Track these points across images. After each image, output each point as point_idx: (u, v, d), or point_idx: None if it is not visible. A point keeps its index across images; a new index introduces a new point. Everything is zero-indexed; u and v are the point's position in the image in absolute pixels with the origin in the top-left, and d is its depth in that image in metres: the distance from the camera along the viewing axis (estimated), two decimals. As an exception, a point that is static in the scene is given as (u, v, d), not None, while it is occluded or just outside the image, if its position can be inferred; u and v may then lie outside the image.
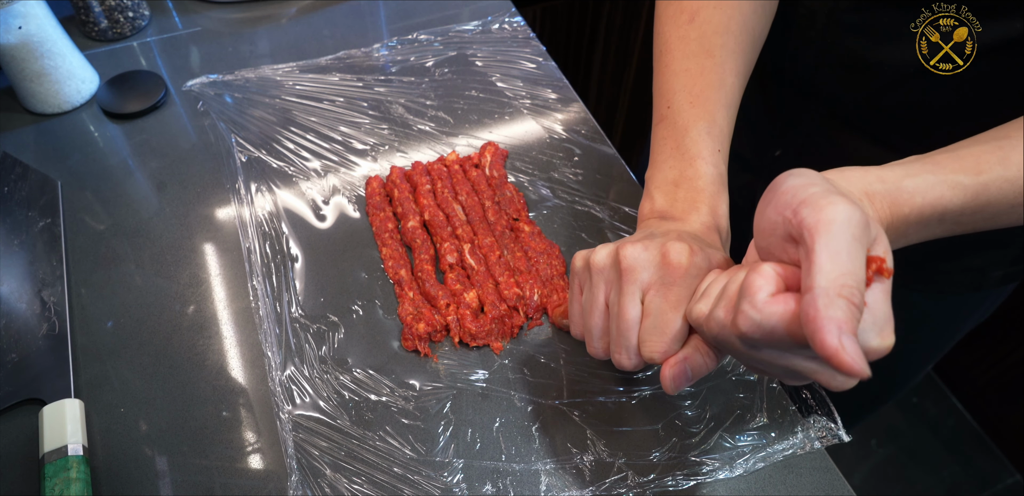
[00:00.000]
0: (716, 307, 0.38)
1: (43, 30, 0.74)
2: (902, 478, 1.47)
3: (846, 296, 0.30)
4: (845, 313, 0.29)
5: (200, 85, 0.81)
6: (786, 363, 0.35)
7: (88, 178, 0.73)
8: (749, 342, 0.35)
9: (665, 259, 0.42)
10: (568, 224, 0.69)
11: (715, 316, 0.37)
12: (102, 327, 0.61)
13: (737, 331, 0.35)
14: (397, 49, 0.86)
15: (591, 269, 0.46)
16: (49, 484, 0.50)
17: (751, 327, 0.34)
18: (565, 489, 0.52)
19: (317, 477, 0.52)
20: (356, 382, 0.58)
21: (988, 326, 1.38)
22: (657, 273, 0.43)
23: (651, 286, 0.43)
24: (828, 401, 0.57)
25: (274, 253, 0.66)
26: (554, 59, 0.85)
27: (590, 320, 0.47)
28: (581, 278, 0.49)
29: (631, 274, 0.43)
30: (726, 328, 0.36)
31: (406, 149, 0.76)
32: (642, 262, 0.43)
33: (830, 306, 0.29)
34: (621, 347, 0.44)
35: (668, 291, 0.42)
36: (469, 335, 0.59)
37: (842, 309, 0.29)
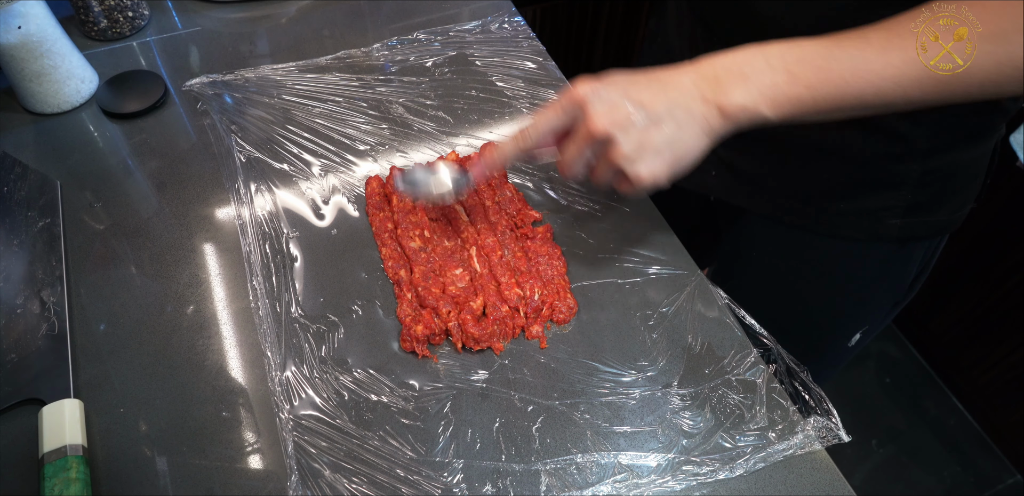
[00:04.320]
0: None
1: (43, 30, 0.74)
2: (902, 478, 1.47)
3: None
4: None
5: (200, 85, 0.81)
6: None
7: (88, 178, 0.73)
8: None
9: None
10: (568, 224, 0.68)
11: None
12: (102, 327, 0.61)
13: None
14: (397, 49, 0.86)
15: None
16: (49, 484, 0.50)
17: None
18: (565, 489, 0.52)
19: (317, 477, 0.52)
20: (356, 382, 0.58)
21: (988, 326, 1.39)
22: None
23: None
24: (827, 401, 0.57)
25: (274, 253, 0.66)
26: (554, 59, 0.85)
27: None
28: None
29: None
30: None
31: (406, 149, 0.76)
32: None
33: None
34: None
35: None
36: (472, 340, 0.59)
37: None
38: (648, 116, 0.51)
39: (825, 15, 0.57)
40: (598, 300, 0.63)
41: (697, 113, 0.52)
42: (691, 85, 0.52)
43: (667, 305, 0.62)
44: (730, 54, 0.52)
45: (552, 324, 0.61)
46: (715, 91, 0.51)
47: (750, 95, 0.51)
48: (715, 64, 0.52)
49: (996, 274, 1.32)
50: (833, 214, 0.70)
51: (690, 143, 0.52)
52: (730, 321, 0.61)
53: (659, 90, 0.52)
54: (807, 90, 0.50)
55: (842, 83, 0.50)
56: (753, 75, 0.51)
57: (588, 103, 0.52)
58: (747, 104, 0.51)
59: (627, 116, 0.51)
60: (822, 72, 0.50)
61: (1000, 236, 1.29)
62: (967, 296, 1.41)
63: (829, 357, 0.86)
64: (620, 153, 0.52)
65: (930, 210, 0.68)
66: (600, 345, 0.60)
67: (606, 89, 0.52)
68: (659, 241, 0.67)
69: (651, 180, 0.53)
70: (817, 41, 0.51)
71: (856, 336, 0.81)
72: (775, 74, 0.51)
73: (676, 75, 0.53)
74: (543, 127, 0.55)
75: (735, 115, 0.52)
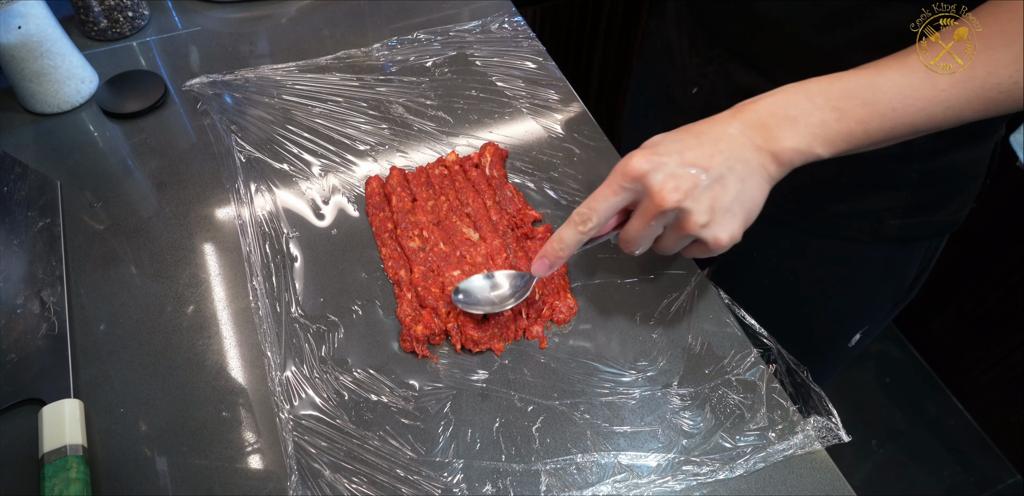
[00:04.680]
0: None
1: (43, 30, 0.74)
2: (902, 478, 1.47)
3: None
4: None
5: (200, 85, 0.81)
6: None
7: (88, 178, 0.73)
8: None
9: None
10: (568, 224, 0.68)
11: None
12: (102, 327, 0.61)
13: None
14: (397, 49, 0.86)
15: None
16: (48, 484, 0.50)
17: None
18: (565, 489, 0.52)
19: (317, 477, 0.52)
20: (356, 382, 0.58)
21: (988, 326, 1.39)
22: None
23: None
24: (827, 401, 0.57)
25: (274, 253, 0.66)
26: (554, 59, 0.85)
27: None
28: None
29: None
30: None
31: (406, 149, 0.76)
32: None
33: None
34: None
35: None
36: (472, 341, 0.59)
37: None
38: (711, 177, 0.49)
39: (826, 15, 0.57)
40: (598, 300, 0.63)
41: (754, 163, 0.50)
42: (740, 136, 0.50)
43: (667, 305, 0.62)
44: (771, 97, 0.51)
45: (552, 324, 0.61)
46: (766, 138, 0.50)
47: (802, 138, 0.50)
48: (759, 110, 0.51)
49: (996, 274, 1.32)
50: (833, 215, 0.70)
51: (755, 194, 0.51)
52: (730, 321, 0.61)
53: (712, 147, 0.50)
54: (858, 124, 0.49)
55: (891, 113, 0.49)
56: (800, 117, 0.50)
57: (649, 178, 0.49)
58: (800, 147, 0.50)
59: (694, 184, 0.49)
60: (869, 105, 0.49)
61: (1000, 236, 1.29)
62: (967, 296, 1.41)
63: (829, 357, 0.86)
64: (695, 222, 0.49)
65: (931, 210, 0.68)
66: (600, 345, 0.60)
67: (662, 158, 0.49)
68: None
69: (730, 241, 0.51)
70: (859, 73, 0.50)
71: (856, 336, 0.81)
72: (822, 112, 0.49)
73: (721, 126, 0.51)
74: (605, 211, 0.52)
75: (791, 159, 0.50)
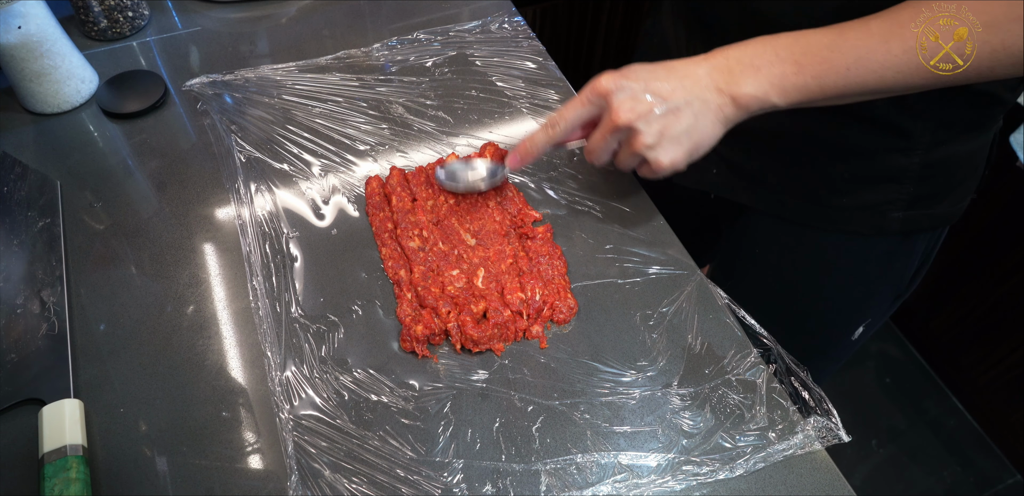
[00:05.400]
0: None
1: (43, 30, 0.74)
2: (902, 478, 1.47)
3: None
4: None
5: (200, 85, 0.81)
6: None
7: (88, 178, 0.73)
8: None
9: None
10: (568, 224, 0.68)
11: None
12: (102, 327, 0.61)
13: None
14: (397, 49, 0.86)
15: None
16: (49, 484, 0.50)
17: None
18: (565, 489, 0.52)
19: (317, 477, 0.52)
20: (356, 382, 0.58)
21: (988, 326, 1.39)
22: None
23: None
24: (827, 401, 0.57)
25: (274, 253, 0.66)
26: (554, 59, 0.85)
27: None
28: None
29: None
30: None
31: (406, 149, 0.76)
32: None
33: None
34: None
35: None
36: (471, 341, 0.59)
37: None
38: (668, 107, 0.55)
39: (826, 14, 0.57)
40: (598, 300, 0.63)
41: (712, 103, 0.55)
42: (706, 76, 0.55)
43: (667, 305, 0.62)
44: (741, 46, 0.56)
45: (552, 324, 0.61)
46: (728, 82, 0.55)
47: (760, 85, 0.54)
48: (728, 56, 0.56)
49: (996, 274, 1.32)
50: (835, 209, 0.70)
51: (706, 131, 0.56)
52: (730, 321, 0.61)
53: (677, 82, 0.55)
54: (813, 79, 0.54)
55: (846, 72, 0.53)
56: (763, 66, 0.54)
57: (612, 95, 0.56)
58: (758, 94, 0.55)
59: (649, 108, 0.55)
60: (827, 62, 0.53)
61: (1000, 236, 1.29)
62: (967, 296, 1.41)
63: (832, 352, 0.86)
64: (643, 142, 0.56)
65: (932, 202, 0.68)
66: (600, 345, 0.60)
67: (628, 82, 0.56)
68: (659, 241, 0.67)
69: (671, 166, 0.57)
70: (823, 32, 0.54)
71: (859, 330, 0.81)
72: (783, 65, 0.54)
73: (692, 66, 0.56)
74: (571, 118, 0.59)
75: (747, 104, 0.55)
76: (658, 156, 0.56)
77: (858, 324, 0.81)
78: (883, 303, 0.79)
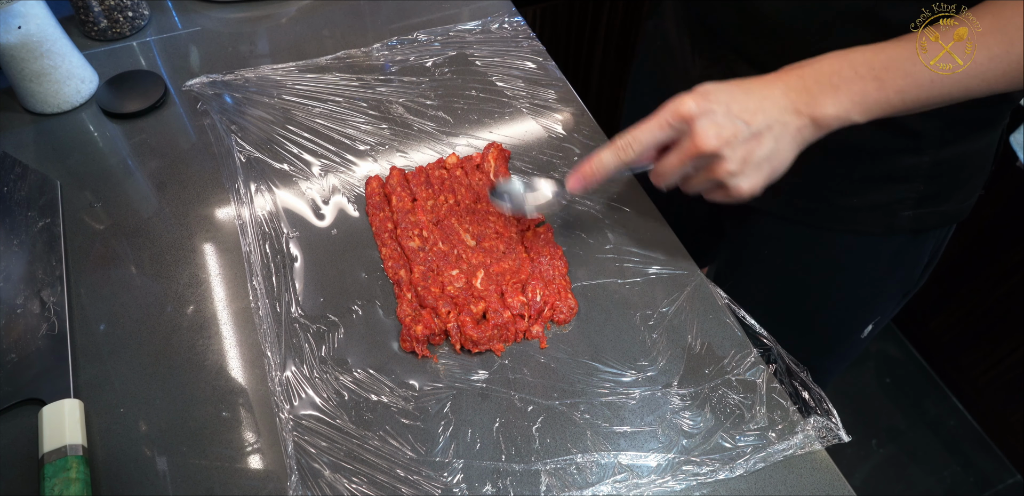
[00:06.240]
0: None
1: (43, 30, 0.74)
2: (902, 478, 1.47)
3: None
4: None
5: (200, 85, 0.81)
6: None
7: (88, 178, 0.73)
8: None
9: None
10: (568, 224, 0.68)
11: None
12: (102, 327, 0.61)
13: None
14: (397, 49, 0.86)
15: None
16: (49, 484, 0.50)
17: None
18: (565, 489, 0.52)
19: (317, 477, 0.52)
20: (356, 382, 0.58)
21: (988, 326, 1.38)
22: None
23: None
24: (827, 401, 0.57)
25: (274, 253, 0.66)
26: (554, 59, 0.85)
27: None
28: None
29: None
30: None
31: (406, 149, 0.76)
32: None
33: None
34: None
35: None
36: (471, 342, 0.59)
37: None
38: (751, 131, 0.52)
39: (832, 17, 0.57)
40: (598, 300, 0.63)
41: (792, 126, 0.53)
42: (783, 97, 0.53)
43: (667, 305, 0.62)
44: (816, 63, 0.53)
45: (552, 324, 0.61)
46: (808, 103, 0.52)
47: (842, 105, 0.52)
48: (804, 75, 0.53)
49: (996, 275, 1.32)
50: (845, 209, 0.70)
51: (785, 155, 0.54)
52: (730, 321, 0.61)
53: (757, 104, 0.53)
54: (896, 94, 0.52)
55: (929, 84, 0.52)
56: (843, 85, 0.52)
57: (696, 120, 0.52)
58: (840, 114, 0.52)
59: (734, 133, 0.52)
60: (910, 76, 0.51)
61: (1000, 236, 1.29)
62: (967, 296, 1.41)
63: (842, 351, 0.86)
64: (726, 169, 0.53)
65: (941, 200, 0.69)
66: (600, 345, 0.60)
67: (711, 105, 0.52)
68: (659, 241, 0.67)
69: (750, 193, 0.55)
70: (901, 44, 0.52)
71: (868, 327, 0.81)
72: (864, 82, 0.52)
73: (767, 87, 0.54)
74: (647, 141, 0.55)
75: (828, 124, 0.53)
76: (739, 183, 0.54)
77: (867, 322, 0.81)
78: (892, 301, 0.80)
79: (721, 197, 0.57)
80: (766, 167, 0.54)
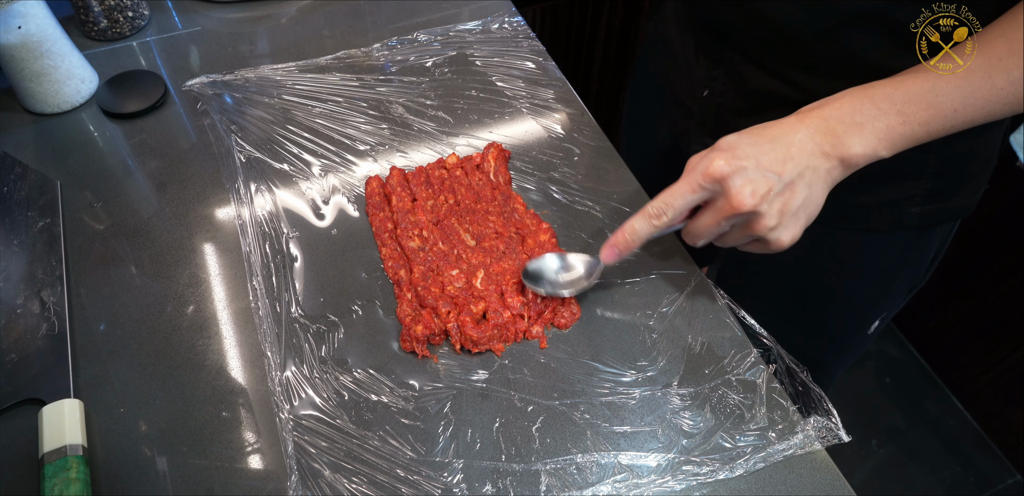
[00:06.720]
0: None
1: (43, 30, 0.74)
2: (902, 478, 1.47)
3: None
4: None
5: (200, 85, 0.81)
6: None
7: (88, 178, 0.73)
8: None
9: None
10: (568, 224, 0.68)
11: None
12: (102, 327, 0.61)
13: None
14: (397, 49, 0.86)
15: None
16: (48, 484, 0.50)
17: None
18: (565, 489, 0.52)
19: (317, 477, 0.52)
20: (356, 382, 0.58)
21: (988, 326, 1.38)
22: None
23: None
24: (827, 401, 0.57)
25: (274, 253, 0.66)
26: (554, 59, 0.85)
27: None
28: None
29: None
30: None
31: (406, 149, 0.76)
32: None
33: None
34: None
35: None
36: (471, 341, 0.59)
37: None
38: (783, 183, 0.52)
39: (837, 18, 0.57)
40: (598, 300, 0.63)
41: (821, 169, 0.53)
42: (808, 141, 0.52)
43: (667, 305, 0.62)
44: (837, 103, 0.53)
45: (552, 325, 0.61)
46: (834, 145, 0.52)
47: (869, 143, 0.52)
48: (826, 116, 0.53)
49: (996, 274, 1.32)
50: (853, 207, 0.70)
51: (818, 199, 0.54)
52: (730, 321, 0.61)
53: (784, 152, 0.52)
54: (921, 127, 0.52)
55: (952, 114, 0.52)
56: (867, 122, 0.52)
57: (729, 179, 0.51)
58: (867, 152, 0.52)
59: (768, 188, 0.51)
60: (933, 108, 0.51)
61: (1000, 236, 1.29)
62: (967, 296, 1.41)
63: (848, 347, 0.86)
64: (764, 225, 0.52)
65: (948, 196, 0.69)
66: (600, 345, 0.60)
67: (741, 162, 0.51)
68: (659, 241, 0.67)
69: (791, 243, 0.54)
70: (920, 76, 0.52)
71: (875, 323, 0.81)
72: (888, 117, 0.52)
73: (791, 133, 0.53)
74: (681, 207, 0.54)
75: (856, 163, 0.53)
76: (780, 236, 0.53)
77: (874, 318, 0.81)
78: (898, 296, 0.80)
79: (758, 249, 0.56)
80: (803, 215, 0.54)
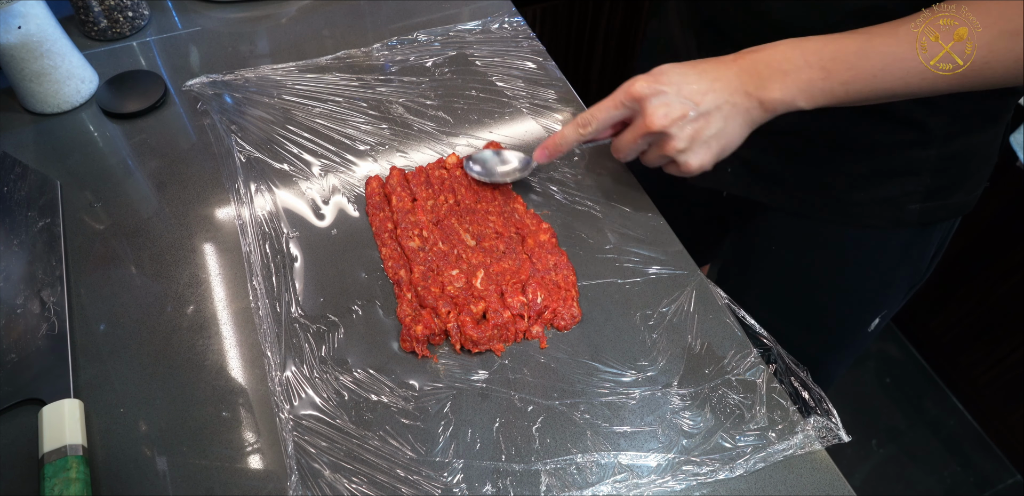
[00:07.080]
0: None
1: (43, 30, 0.74)
2: (902, 478, 1.47)
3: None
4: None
5: (200, 85, 0.81)
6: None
7: (88, 178, 0.73)
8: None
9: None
10: (568, 224, 0.68)
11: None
12: (102, 327, 0.61)
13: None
14: (397, 49, 0.86)
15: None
16: (48, 484, 0.50)
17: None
18: (565, 489, 0.52)
19: (317, 477, 0.52)
20: (356, 382, 0.58)
21: (988, 326, 1.38)
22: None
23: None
24: (827, 401, 0.57)
25: (273, 253, 0.66)
26: (554, 59, 0.85)
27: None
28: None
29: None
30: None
31: (406, 149, 0.76)
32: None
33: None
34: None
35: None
36: (471, 342, 0.59)
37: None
38: (699, 111, 0.56)
39: (840, 16, 0.57)
40: (598, 300, 0.63)
41: (740, 106, 0.57)
42: (735, 79, 0.56)
43: (667, 305, 0.62)
44: (770, 49, 0.57)
45: (552, 326, 0.61)
46: (757, 86, 0.56)
47: (788, 91, 0.55)
48: (756, 60, 0.57)
49: (996, 274, 1.32)
50: (853, 204, 0.70)
51: (734, 134, 0.58)
52: (730, 321, 0.61)
53: (708, 85, 0.56)
54: (841, 85, 0.55)
55: (872, 78, 0.54)
56: (792, 72, 0.55)
57: (647, 100, 0.57)
58: (785, 99, 0.56)
59: (682, 113, 0.56)
60: (855, 69, 0.54)
61: (1000, 236, 1.29)
62: (967, 296, 1.41)
63: (849, 345, 0.87)
64: (674, 146, 0.57)
65: (948, 193, 0.69)
66: (600, 345, 0.60)
67: (662, 86, 0.57)
68: (659, 241, 0.67)
69: (699, 168, 0.59)
70: (851, 37, 0.55)
71: (876, 321, 0.82)
72: (812, 71, 0.55)
73: (722, 69, 0.57)
74: (603, 119, 0.60)
75: (774, 108, 0.57)
76: (688, 159, 0.58)
77: (875, 316, 0.81)
78: (899, 293, 0.80)
79: (674, 171, 0.62)
80: (714, 144, 0.58)
